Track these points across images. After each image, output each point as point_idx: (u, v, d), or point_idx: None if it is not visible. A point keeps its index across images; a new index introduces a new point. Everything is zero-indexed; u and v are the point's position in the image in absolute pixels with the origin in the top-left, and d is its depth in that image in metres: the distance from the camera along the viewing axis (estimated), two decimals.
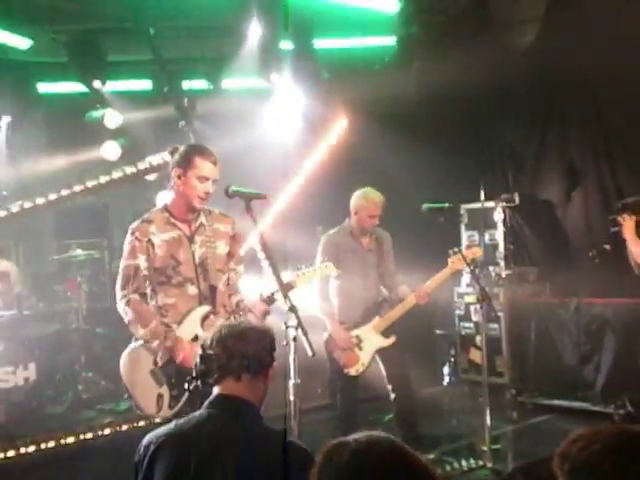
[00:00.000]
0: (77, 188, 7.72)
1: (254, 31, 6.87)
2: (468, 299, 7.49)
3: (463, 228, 7.84)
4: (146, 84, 7.92)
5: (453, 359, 7.80)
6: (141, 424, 5.62)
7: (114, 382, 6.38)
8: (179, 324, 3.85)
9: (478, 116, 7.99)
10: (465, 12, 7.05)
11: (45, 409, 6.69)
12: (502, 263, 7.49)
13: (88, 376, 7.21)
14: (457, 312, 7.71)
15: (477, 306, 5.60)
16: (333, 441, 1.70)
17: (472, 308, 7.42)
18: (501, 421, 6.28)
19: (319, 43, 7.36)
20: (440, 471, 5.19)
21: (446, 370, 7.85)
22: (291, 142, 7.59)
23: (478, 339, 7.25)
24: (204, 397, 2.64)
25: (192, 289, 3.91)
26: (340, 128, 7.70)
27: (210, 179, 3.89)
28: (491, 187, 7.63)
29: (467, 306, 7.57)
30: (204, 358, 2.60)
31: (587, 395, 6.56)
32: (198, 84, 7.84)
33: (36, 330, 7.10)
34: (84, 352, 7.28)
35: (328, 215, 6.56)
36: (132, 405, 3.92)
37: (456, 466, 5.32)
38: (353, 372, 5.33)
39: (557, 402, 6.71)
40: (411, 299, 5.36)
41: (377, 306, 5.49)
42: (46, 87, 7.85)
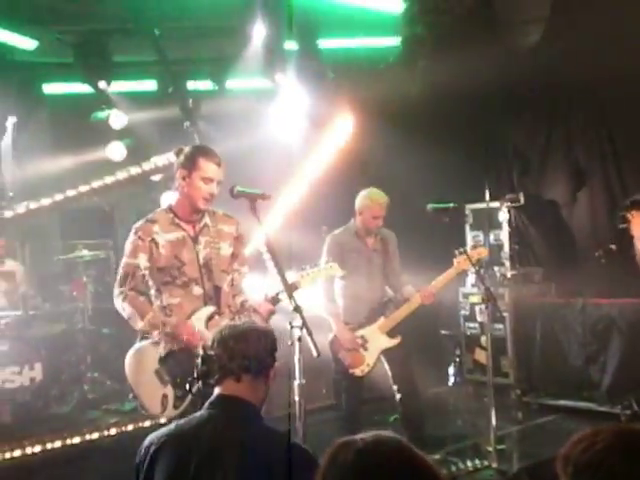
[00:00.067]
0: (83, 189, 7.76)
1: (258, 31, 6.87)
2: (473, 299, 7.49)
3: (468, 228, 7.83)
4: (151, 85, 7.93)
5: (458, 359, 7.79)
6: (146, 424, 5.63)
7: (120, 382, 6.39)
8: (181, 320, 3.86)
9: (483, 116, 7.98)
10: (470, 12, 7.04)
11: (51, 409, 6.71)
12: (507, 263, 7.48)
13: (94, 376, 7.22)
14: (462, 312, 7.70)
15: (482, 306, 5.57)
16: (340, 440, 1.69)
17: (477, 308, 7.41)
18: (506, 421, 6.27)
19: (324, 43, 7.35)
20: (445, 471, 5.18)
21: (451, 370, 7.84)
22: (296, 142, 7.58)
23: (483, 339, 7.22)
24: (206, 398, 2.65)
25: (197, 289, 3.91)
26: (345, 128, 7.69)
27: (214, 180, 3.89)
28: (496, 187, 7.63)
29: (472, 306, 7.56)
30: (205, 359, 2.60)
31: (593, 395, 6.53)
32: (203, 85, 7.85)
33: (42, 330, 7.13)
34: (90, 352, 7.30)
35: (333, 215, 6.56)
36: (137, 405, 3.92)
37: (461, 466, 5.32)
38: (358, 372, 5.33)
39: (563, 402, 6.69)
40: (416, 299, 5.36)
41: (382, 306, 5.49)
42: (51, 88, 7.86)
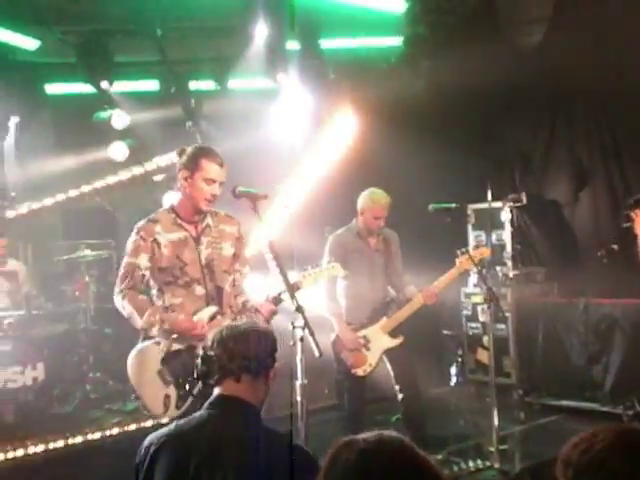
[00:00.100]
0: (85, 189, 7.77)
1: (260, 31, 6.86)
2: (475, 299, 7.48)
3: (470, 228, 7.82)
4: (153, 85, 7.92)
5: (460, 359, 7.78)
6: (148, 424, 5.63)
7: (122, 382, 6.39)
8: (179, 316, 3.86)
9: (485, 116, 7.97)
10: (472, 12, 7.04)
11: (53, 409, 6.70)
12: (509, 263, 7.47)
13: (96, 376, 7.22)
14: (464, 312, 7.70)
15: (484, 306, 5.57)
16: (342, 440, 1.69)
17: (479, 308, 7.40)
18: (508, 421, 6.26)
19: (325, 43, 7.35)
20: (447, 472, 5.17)
21: (453, 370, 7.83)
22: (298, 142, 7.58)
23: (485, 339, 7.22)
24: (207, 398, 2.65)
25: (199, 289, 3.92)
26: (348, 128, 7.69)
27: (217, 181, 3.90)
28: (498, 187, 7.62)
29: (474, 306, 7.55)
30: (205, 359, 2.60)
31: (596, 395, 6.53)
32: (205, 84, 7.85)
33: (44, 330, 7.13)
34: (92, 352, 7.29)
35: (335, 215, 6.56)
36: (139, 405, 3.92)
37: (463, 467, 5.31)
38: (360, 372, 5.33)
39: (565, 402, 6.69)
40: (419, 299, 5.35)
41: (384, 306, 5.48)
42: (54, 88, 7.86)
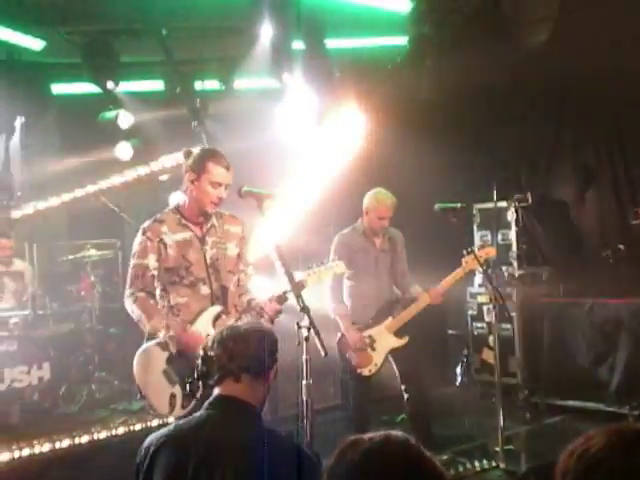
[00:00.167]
0: (91, 189, 7.78)
1: (266, 31, 6.86)
2: (481, 299, 7.48)
3: (476, 228, 7.81)
4: (158, 85, 7.92)
5: (466, 359, 7.77)
6: (154, 424, 5.64)
7: (127, 382, 6.40)
8: (192, 324, 3.87)
9: (491, 115, 7.95)
10: (477, 11, 7.01)
11: (59, 408, 6.72)
12: (515, 263, 7.46)
13: (101, 376, 7.25)
14: (470, 312, 7.68)
15: (490, 306, 5.57)
16: (348, 439, 1.69)
17: (485, 308, 7.39)
18: (514, 422, 6.27)
19: (331, 43, 7.34)
20: (453, 472, 5.18)
21: (459, 370, 7.82)
22: (303, 142, 7.57)
23: (491, 339, 7.20)
24: (208, 398, 2.66)
25: (204, 289, 3.93)
26: (353, 128, 7.68)
27: (223, 185, 3.91)
28: (504, 187, 7.60)
29: (480, 306, 7.54)
30: (205, 359, 2.61)
31: (601, 396, 6.50)
32: (210, 84, 7.85)
33: (50, 330, 7.16)
34: (98, 352, 7.31)
35: (340, 215, 6.56)
36: (145, 405, 3.93)
37: (469, 467, 5.31)
38: (366, 372, 5.32)
39: (571, 403, 6.67)
40: (424, 299, 5.35)
41: (390, 306, 5.48)
42: (59, 88, 7.86)
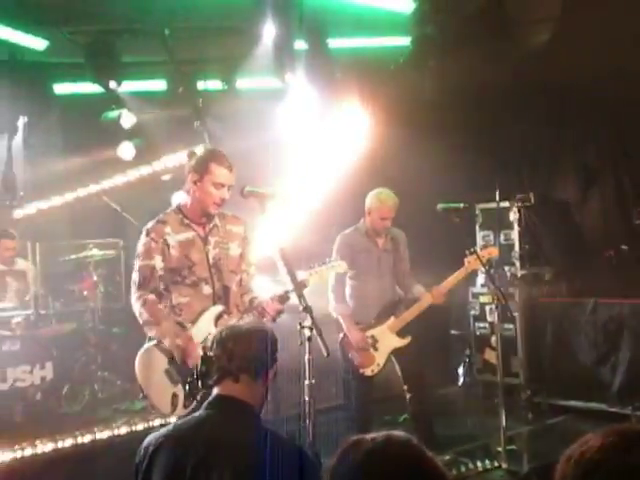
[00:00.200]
0: (93, 188, 7.79)
1: (268, 31, 6.87)
2: (483, 299, 7.47)
3: (478, 228, 7.80)
4: (161, 84, 7.93)
5: (468, 359, 7.76)
6: (157, 423, 5.64)
7: (130, 381, 6.39)
8: (193, 323, 3.88)
9: (493, 116, 7.94)
10: (481, 11, 7.01)
11: (62, 408, 6.72)
12: (517, 263, 7.44)
13: (104, 375, 7.25)
14: (472, 312, 7.67)
15: (492, 306, 5.58)
16: (350, 439, 1.69)
17: (487, 308, 7.39)
18: (516, 422, 6.25)
19: (333, 43, 7.34)
20: (455, 472, 5.18)
21: (461, 370, 7.81)
22: (305, 142, 7.57)
23: (493, 339, 7.19)
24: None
25: (207, 289, 3.93)
26: (356, 128, 7.67)
27: (225, 186, 3.92)
28: (507, 187, 7.59)
29: (482, 306, 7.54)
30: (205, 359, 2.61)
31: (604, 396, 6.49)
32: (213, 84, 7.85)
33: (53, 329, 7.17)
34: (100, 352, 7.31)
35: (343, 215, 6.55)
36: (147, 405, 3.93)
37: (471, 467, 5.31)
38: (368, 372, 5.33)
39: (573, 403, 6.66)
40: (427, 299, 5.35)
41: (392, 306, 5.48)
42: (62, 88, 7.87)
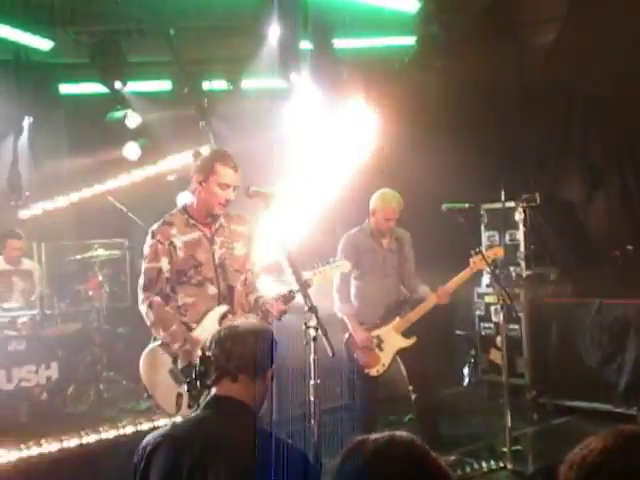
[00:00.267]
0: (99, 188, 7.81)
1: (273, 31, 6.87)
2: (488, 299, 7.46)
3: (483, 228, 7.79)
4: (166, 85, 7.95)
5: (473, 360, 7.75)
6: (162, 423, 5.64)
7: (135, 381, 6.39)
8: (198, 323, 3.88)
9: (499, 116, 7.92)
10: (486, 11, 7.01)
11: (67, 408, 6.73)
12: (523, 263, 7.42)
13: (109, 375, 7.25)
14: (477, 312, 7.66)
15: (497, 306, 5.56)
16: (354, 439, 1.69)
17: (492, 308, 7.37)
18: (521, 422, 6.25)
19: (339, 43, 7.34)
20: (460, 472, 5.18)
21: (466, 371, 7.81)
22: (310, 142, 7.57)
23: (498, 339, 7.16)
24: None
25: (212, 289, 3.94)
26: (362, 128, 7.66)
27: (231, 186, 3.92)
28: (512, 187, 7.57)
29: (487, 306, 7.52)
30: (203, 359, 2.61)
31: (609, 396, 6.47)
32: (218, 84, 7.87)
33: (58, 329, 7.18)
34: (106, 351, 7.33)
35: (347, 215, 6.55)
36: (152, 404, 3.93)
37: (476, 467, 5.30)
38: (374, 372, 5.32)
39: (578, 403, 6.64)
40: (432, 299, 5.35)
41: (398, 307, 5.47)
42: (67, 88, 7.90)
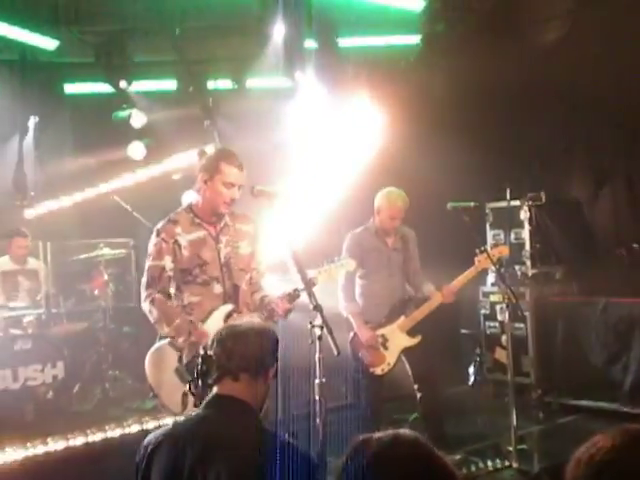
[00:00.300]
0: (104, 188, 7.82)
1: (278, 30, 6.88)
2: (493, 298, 7.45)
3: (488, 227, 7.78)
4: (171, 84, 7.96)
5: (478, 359, 7.73)
6: (167, 422, 5.64)
7: (141, 380, 6.42)
8: (203, 322, 3.88)
9: (504, 114, 7.90)
10: (491, 9, 6.99)
11: (73, 407, 6.75)
12: (528, 262, 7.40)
13: (115, 374, 7.27)
14: (482, 311, 7.65)
15: (503, 305, 5.56)
16: (358, 438, 1.69)
17: (497, 307, 7.37)
18: (527, 421, 6.24)
19: (343, 41, 7.34)
20: (465, 471, 5.16)
21: (471, 370, 7.79)
22: (315, 141, 7.57)
23: (504, 338, 7.16)
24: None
25: (217, 288, 3.94)
26: (366, 127, 7.66)
27: (236, 185, 3.92)
28: (517, 185, 7.56)
29: (492, 305, 7.51)
30: (204, 358, 2.61)
31: (615, 396, 6.46)
32: (223, 84, 7.87)
33: (64, 329, 7.21)
34: (111, 351, 7.34)
35: (352, 214, 6.54)
36: (158, 404, 3.94)
37: (481, 466, 5.29)
38: (379, 371, 5.32)
39: (584, 402, 6.62)
40: (437, 298, 5.34)
41: (402, 305, 5.47)
42: (73, 87, 7.91)
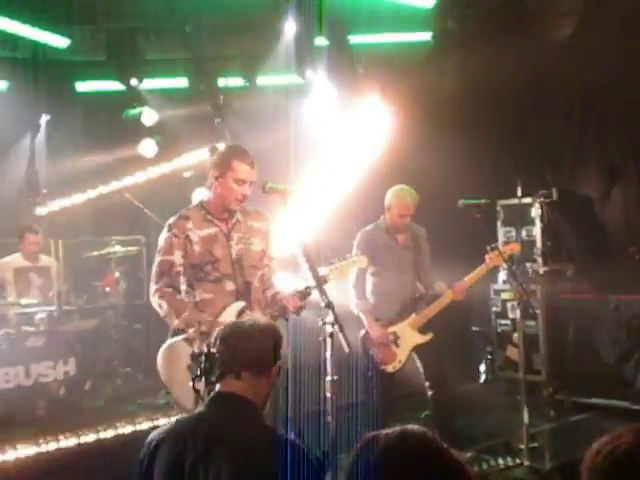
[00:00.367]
0: (115, 185, 7.85)
1: (289, 28, 6.88)
2: (505, 296, 7.43)
3: (499, 224, 7.76)
4: (182, 82, 7.98)
5: (490, 356, 7.72)
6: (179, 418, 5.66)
7: (152, 377, 6.40)
8: (216, 319, 3.88)
9: (515, 111, 7.88)
10: (502, 6, 6.97)
11: (84, 403, 6.77)
12: (539, 259, 7.38)
13: (126, 371, 7.31)
14: (494, 309, 7.63)
15: (514, 303, 5.54)
16: (366, 435, 1.69)
17: (509, 305, 7.34)
18: (538, 419, 6.21)
19: (354, 39, 7.34)
20: (477, 469, 5.15)
21: (482, 367, 7.78)
22: (327, 138, 7.57)
23: (515, 336, 7.15)
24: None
25: (230, 285, 3.94)
26: (378, 124, 7.65)
27: (247, 182, 3.93)
28: (529, 183, 7.53)
29: (504, 303, 7.49)
30: (208, 356, 2.61)
31: (627, 393, 6.43)
32: (234, 81, 7.88)
33: (75, 325, 7.24)
34: (122, 347, 7.38)
35: (363, 211, 6.55)
36: (170, 400, 3.95)
37: (493, 464, 5.28)
38: (390, 369, 5.32)
39: (596, 400, 6.59)
40: (448, 295, 5.34)
41: (413, 303, 5.46)
42: (84, 86, 7.95)
